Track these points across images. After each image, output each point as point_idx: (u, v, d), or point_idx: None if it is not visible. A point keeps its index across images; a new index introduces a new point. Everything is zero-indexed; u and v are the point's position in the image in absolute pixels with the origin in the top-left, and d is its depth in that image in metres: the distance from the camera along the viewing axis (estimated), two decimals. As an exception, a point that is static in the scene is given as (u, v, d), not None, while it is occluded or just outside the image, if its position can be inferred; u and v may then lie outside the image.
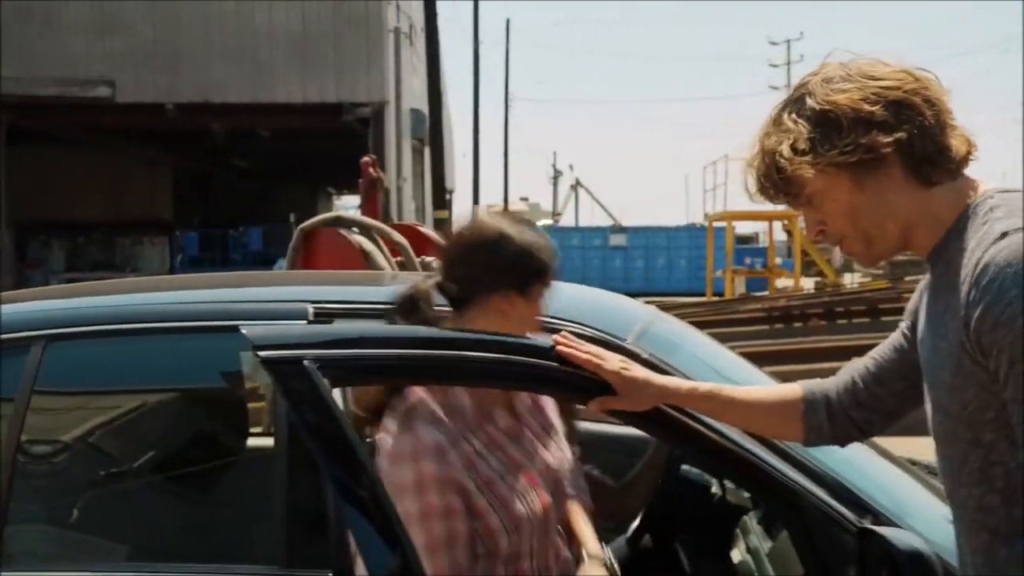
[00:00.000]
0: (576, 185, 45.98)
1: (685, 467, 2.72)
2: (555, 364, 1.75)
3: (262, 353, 1.66)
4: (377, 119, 19.26)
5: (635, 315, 2.32)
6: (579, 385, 1.75)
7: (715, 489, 2.73)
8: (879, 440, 2.59)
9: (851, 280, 26.78)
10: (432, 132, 17.66)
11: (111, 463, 2.39)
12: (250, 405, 2.68)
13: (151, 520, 2.26)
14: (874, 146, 1.40)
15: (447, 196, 19.91)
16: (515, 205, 44.20)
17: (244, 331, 1.67)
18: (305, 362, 1.66)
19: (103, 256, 28.14)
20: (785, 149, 1.44)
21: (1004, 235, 1.34)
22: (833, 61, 1.49)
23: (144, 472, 2.38)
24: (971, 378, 1.36)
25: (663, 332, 2.27)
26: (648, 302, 3.20)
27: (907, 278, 23.93)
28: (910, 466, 2.47)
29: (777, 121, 1.47)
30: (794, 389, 1.74)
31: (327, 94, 19.42)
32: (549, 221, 42.93)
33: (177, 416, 2.48)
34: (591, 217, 64.78)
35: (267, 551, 1.97)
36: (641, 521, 2.63)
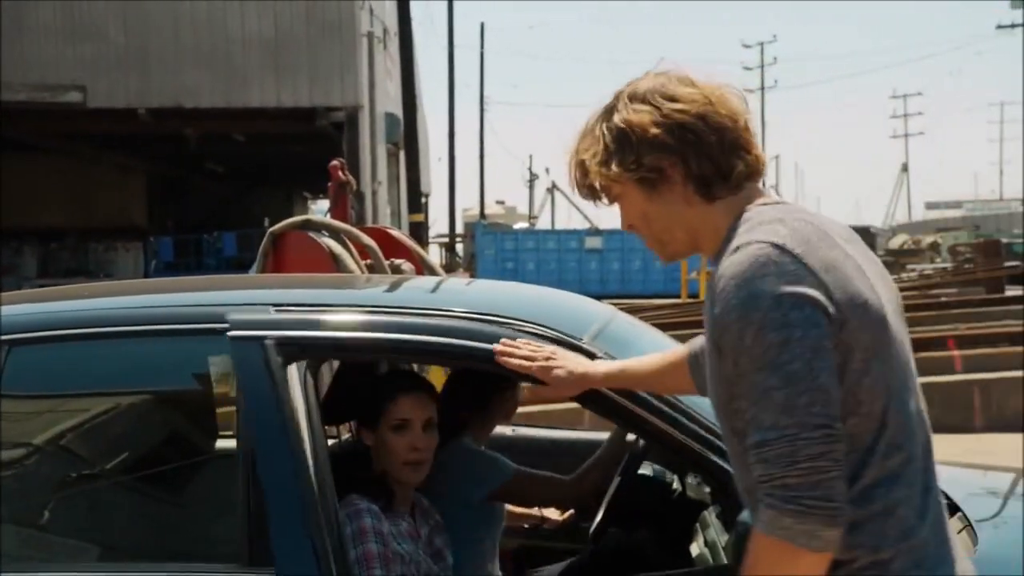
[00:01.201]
0: (552, 188, 46.08)
1: (646, 464, 2.77)
2: (492, 346, 1.99)
3: (231, 333, 1.97)
4: (351, 123, 19.25)
5: (593, 315, 2.37)
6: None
7: (676, 485, 2.78)
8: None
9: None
10: (407, 136, 17.67)
11: (78, 466, 2.40)
12: (218, 410, 2.70)
13: (117, 521, 2.28)
14: (655, 166, 1.55)
15: (422, 200, 19.94)
16: (491, 209, 44.26)
17: (228, 317, 1.99)
18: (266, 341, 1.95)
19: (76, 262, 27.94)
20: (589, 158, 1.59)
21: (736, 249, 1.47)
22: (656, 70, 1.61)
23: (110, 474, 2.39)
24: (719, 374, 1.51)
25: (620, 331, 2.32)
26: (618, 304, 3.27)
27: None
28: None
29: (591, 129, 1.62)
30: (682, 349, 1.94)
31: (301, 98, 19.39)
32: (526, 224, 43.00)
33: (143, 419, 2.50)
34: (567, 220, 65.07)
35: (229, 550, 2.00)
36: (603, 517, 2.67)
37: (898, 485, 1.47)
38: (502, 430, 3.21)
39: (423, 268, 4.69)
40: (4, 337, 2.12)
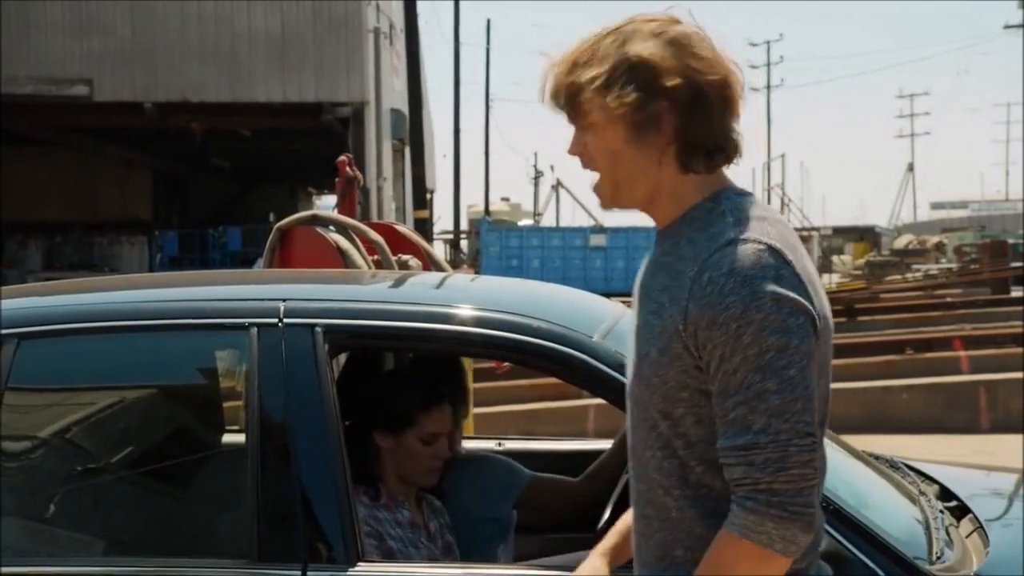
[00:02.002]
0: (557, 186, 45.93)
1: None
2: (516, 336, 2.04)
3: (286, 320, 2.04)
4: (357, 119, 19.25)
5: (603, 312, 2.36)
6: (543, 353, 2.05)
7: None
8: (844, 436, 2.65)
9: (828, 280, 26.99)
10: (412, 132, 17.70)
11: (85, 459, 2.41)
12: (225, 404, 2.70)
13: (125, 515, 2.28)
14: (655, 117, 1.46)
15: (427, 196, 19.96)
16: (496, 205, 44.23)
17: (282, 305, 2.07)
18: (316, 328, 2.02)
19: (81, 256, 27.98)
20: (585, 75, 1.48)
21: (731, 242, 1.43)
22: (670, 15, 1.51)
23: (118, 468, 2.40)
24: (677, 360, 1.46)
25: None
26: (624, 302, 3.25)
27: (886, 278, 24.15)
28: (872, 460, 2.52)
29: (595, 44, 1.50)
30: None
31: (307, 94, 19.39)
32: (530, 221, 42.92)
33: (150, 413, 2.50)
34: (572, 217, 65.10)
35: (239, 546, 2.00)
36: (610, 514, 2.66)
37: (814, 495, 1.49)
38: (505, 445, 3.20)
39: (430, 264, 4.69)
40: (13, 331, 2.12)
